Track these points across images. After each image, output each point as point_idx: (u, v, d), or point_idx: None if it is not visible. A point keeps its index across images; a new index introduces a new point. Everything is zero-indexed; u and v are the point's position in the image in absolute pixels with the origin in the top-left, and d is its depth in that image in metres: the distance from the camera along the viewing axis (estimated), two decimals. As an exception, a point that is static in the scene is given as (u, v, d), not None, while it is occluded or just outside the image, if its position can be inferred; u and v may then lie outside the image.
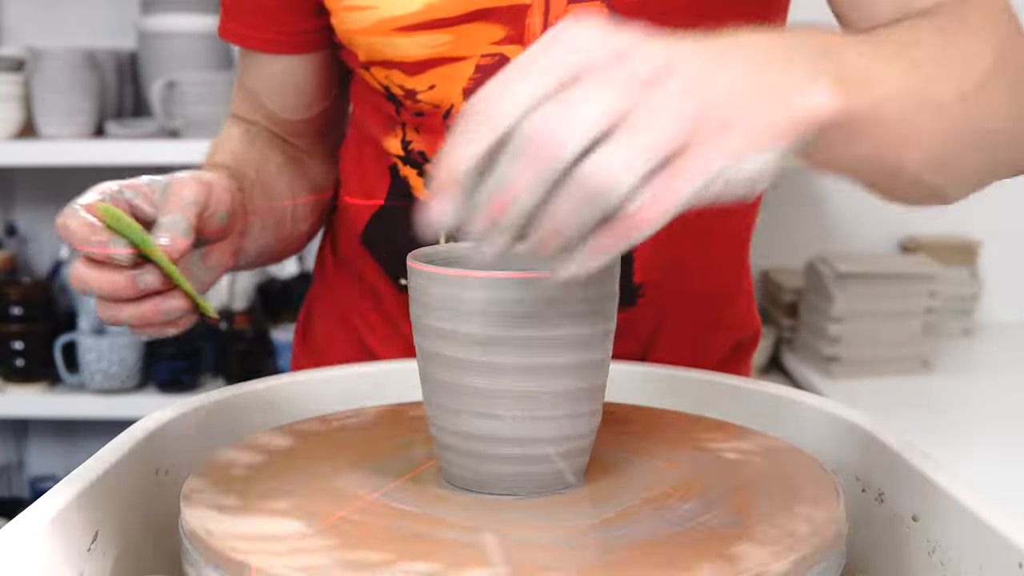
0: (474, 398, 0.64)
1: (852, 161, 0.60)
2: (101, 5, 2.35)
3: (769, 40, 0.54)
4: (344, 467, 0.69)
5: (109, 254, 0.70)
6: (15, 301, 2.13)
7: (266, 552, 0.57)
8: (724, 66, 0.50)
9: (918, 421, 1.77)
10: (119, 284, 0.70)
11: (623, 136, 0.46)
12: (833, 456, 0.76)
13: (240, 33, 0.98)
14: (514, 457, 0.64)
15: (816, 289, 2.10)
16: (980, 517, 0.60)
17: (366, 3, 0.88)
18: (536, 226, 0.48)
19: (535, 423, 0.64)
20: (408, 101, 0.91)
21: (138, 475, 0.72)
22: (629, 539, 0.59)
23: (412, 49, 0.88)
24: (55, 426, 2.44)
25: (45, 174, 2.38)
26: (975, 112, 0.64)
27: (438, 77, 0.88)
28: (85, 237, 0.70)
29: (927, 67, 0.60)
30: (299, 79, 1.00)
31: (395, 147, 0.94)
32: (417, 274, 0.65)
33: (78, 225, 0.70)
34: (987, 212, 2.30)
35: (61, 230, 0.71)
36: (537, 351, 0.62)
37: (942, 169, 0.65)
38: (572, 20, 0.49)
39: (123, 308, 0.72)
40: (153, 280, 0.71)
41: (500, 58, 0.87)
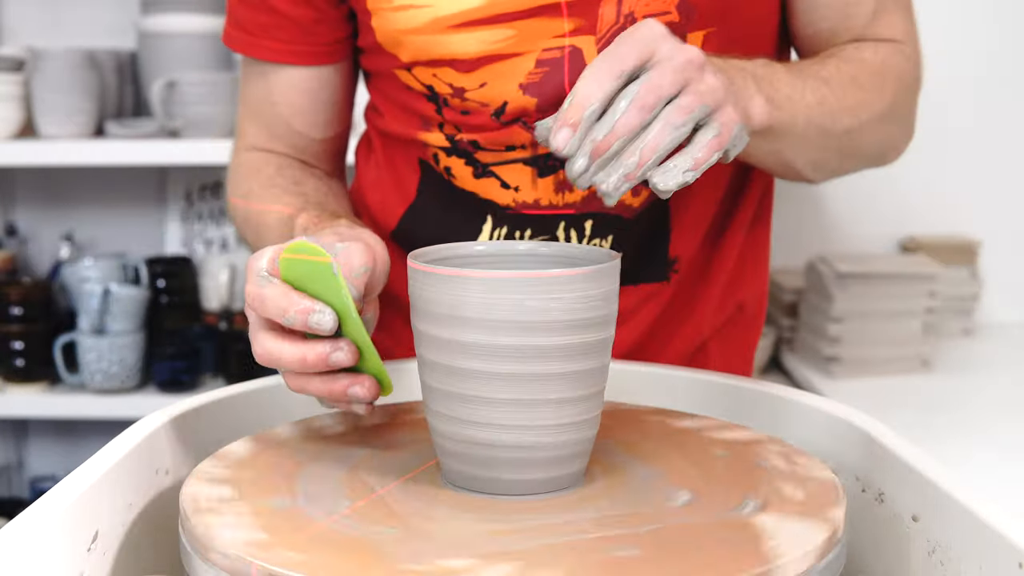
0: (474, 395, 0.64)
1: (762, 154, 0.87)
2: (101, 5, 2.35)
3: (739, 64, 0.78)
4: (344, 467, 0.70)
5: (312, 327, 0.65)
6: (15, 301, 2.13)
7: (266, 552, 0.57)
8: (723, 69, 0.73)
9: (918, 421, 1.77)
10: (310, 361, 0.67)
11: (691, 91, 0.68)
12: (833, 456, 0.76)
13: (274, 48, 0.97)
14: (514, 459, 0.64)
15: (816, 289, 2.10)
16: (980, 517, 0.60)
17: (420, 1, 0.87)
18: (638, 147, 0.67)
19: (535, 419, 0.64)
20: (455, 100, 0.90)
21: (138, 475, 0.72)
22: (629, 539, 0.59)
23: (469, 45, 0.87)
24: (55, 426, 2.44)
25: (45, 174, 2.38)
26: (852, 141, 0.90)
27: (491, 74, 0.88)
28: (283, 309, 0.66)
29: (829, 103, 0.85)
30: (332, 91, 1.00)
31: (437, 140, 0.93)
32: (417, 274, 0.65)
33: (277, 296, 0.66)
34: (987, 212, 2.30)
35: (255, 301, 0.67)
36: (537, 347, 0.62)
37: (817, 167, 0.93)
38: (634, 27, 0.69)
39: (311, 380, 0.69)
40: (345, 358, 0.67)
41: (571, 50, 0.87)
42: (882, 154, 0.98)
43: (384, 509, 0.63)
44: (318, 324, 0.65)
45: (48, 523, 0.61)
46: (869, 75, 0.89)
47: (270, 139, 1.02)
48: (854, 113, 0.87)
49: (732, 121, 0.70)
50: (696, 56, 0.68)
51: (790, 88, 0.81)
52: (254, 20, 0.97)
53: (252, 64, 1.00)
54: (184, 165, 2.26)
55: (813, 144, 0.86)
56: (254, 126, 1.02)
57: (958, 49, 2.26)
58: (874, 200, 2.31)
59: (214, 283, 2.23)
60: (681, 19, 0.86)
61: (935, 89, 2.26)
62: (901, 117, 0.95)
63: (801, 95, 0.82)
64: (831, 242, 2.30)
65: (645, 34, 0.68)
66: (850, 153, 0.92)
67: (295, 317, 0.66)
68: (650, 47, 0.68)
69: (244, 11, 0.97)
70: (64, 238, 2.35)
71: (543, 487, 0.65)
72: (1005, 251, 2.31)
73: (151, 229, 2.41)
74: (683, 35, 0.87)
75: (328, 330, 0.66)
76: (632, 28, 0.69)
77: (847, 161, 0.95)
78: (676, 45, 0.68)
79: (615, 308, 0.66)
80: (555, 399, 0.64)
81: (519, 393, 0.63)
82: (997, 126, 2.29)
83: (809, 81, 0.84)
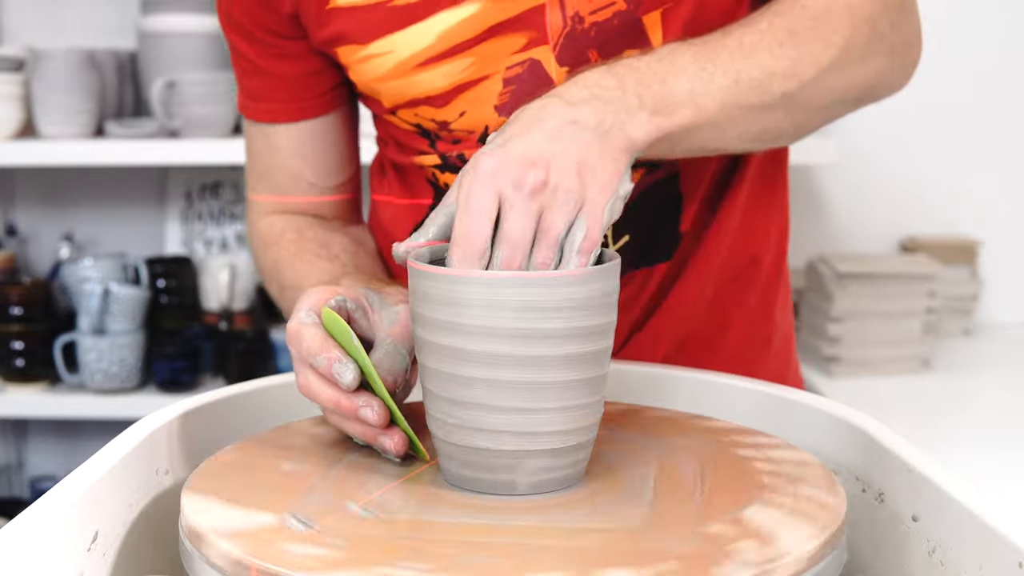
0: (475, 393, 0.64)
1: (682, 152, 0.80)
2: (101, 5, 2.35)
3: (625, 70, 0.74)
4: (344, 467, 0.70)
5: (334, 375, 0.69)
6: (15, 301, 2.13)
7: (266, 552, 0.57)
8: (575, 138, 0.69)
9: (918, 421, 1.77)
10: (343, 406, 0.70)
11: (548, 216, 0.66)
12: (833, 456, 0.76)
13: (271, 109, 0.99)
14: (515, 461, 0.64)
15: (816, 289, 2.10)
16: (980, 517, 0.60)
17: (380, 50, 0.88)
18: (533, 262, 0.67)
19: (536, 416, 0.64)
20: (443, 132, 0.92)
21: (138, 475, 0.72)
22: (629, 538, 0.59)
23: (437, 81, 0.88)
24: (55, 426, 2.44)
25: (45, 174, 2.38)
26: (801, 101, 0.81)
27: (466, 103, 0.89)
28: (315, 352, 0.69)
29: (750, 76, 0.78)
30: (335, 136, 1.01)
31: (431, 160, 0.94)
32: (417, 274, 0.65)
33: (313, 338, 0.70)
34: (987, 212, 2.30)
35: (294, 337, 0.71)
36: (537, 344, 0.62)
37: (766, 139, 0.85)
38: (463, 177, 0.68)
39: (348, 422, 0.71)
40: (374, 418, 0.69)
41: (529, 63, 0.87)
42: (865, 95, 0.88)
43: (384, 509, 0.63)
44: (338, 375, 0.69)
45: (48, 523, 0.61)
46: (810, 22, 0.81)
47: (283, 198, 1.03)
48: (791, 74, 0.79)
49: (598, 211, 0.67)
50: (538, 168, 0.66)
51: (693, 79, 0.75)
52: (252, 85, 0.99)
53: (254, 125, 1.02)
54: (184, 165, 2.26)
55: (742, 123, 0.79)
56: (265, 187, 1.03)
57: (958, 49, 2.26)
58: (874, 200, 2.31)
59: (214, 283, 2.23)
60: (629, 6, 0.86)
61: (935, 89, 2.27)
62: (873, 51, 0.85)
63: (709, 81, 0.76)
64: (831, 242, 2.30)
65: (482, 181, 0.66)
66: (808, 110, 0.83)
67: (323, 361, 0.69)
68: (495, 190, 0.65)
69: (244, 78, 1.00)
70: (64, 238, 2.35)
71: (543, 487, 0.65)
72: (1005, 251, 2.31)
73: (151, 229, 2.41)
74: (635, 21, 0.86)
75: (346, 384, 0.68)
76: (461, 177, 0.68)
77: (811, 117, 0.85)
78: (514, 175, 0.65)
79: (615, 312, 0.66)
80: (556, 403, 0.64)
81: (520, 396, 0.63)
82: (997, 126, 2.29)
83: (721, 58, 0.77)
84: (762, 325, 1.02)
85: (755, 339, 1.02)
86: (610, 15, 0.86)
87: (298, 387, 0.72)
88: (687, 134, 0.75)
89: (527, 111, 0.70)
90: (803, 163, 2.15)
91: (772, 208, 1.01)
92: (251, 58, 0.97)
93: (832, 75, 0.82)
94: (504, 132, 0.69)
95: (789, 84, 0.79)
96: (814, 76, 0.80)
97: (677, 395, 0.86)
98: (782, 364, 1.06)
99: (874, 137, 2.27)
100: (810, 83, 0.80)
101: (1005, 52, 2.27)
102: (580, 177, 0.67)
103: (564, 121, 0.69)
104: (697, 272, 0.97)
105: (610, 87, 0.72)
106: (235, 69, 1.01)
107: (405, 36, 0.87)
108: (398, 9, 0.87)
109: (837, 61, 0.82)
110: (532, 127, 0.69)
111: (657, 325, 0.97)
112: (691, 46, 0.78)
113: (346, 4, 0.88)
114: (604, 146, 0.69)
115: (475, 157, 0.67)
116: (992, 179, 2.30)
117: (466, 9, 0.86)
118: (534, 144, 0.67)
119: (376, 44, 0.88)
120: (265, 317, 2.28)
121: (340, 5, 0.88)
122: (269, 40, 0.95)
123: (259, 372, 2.14)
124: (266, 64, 0.97)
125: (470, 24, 0.86)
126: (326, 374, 0.69)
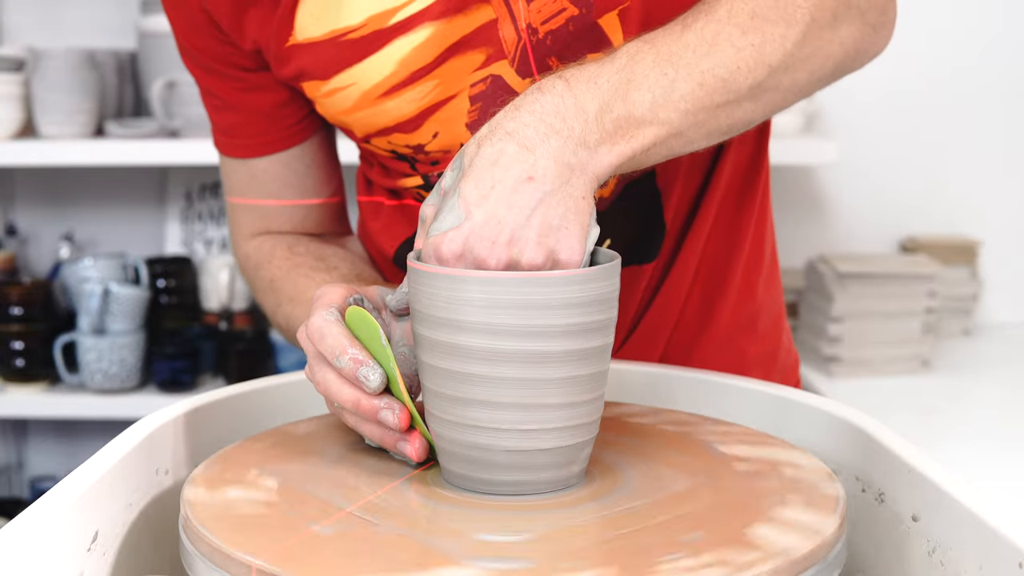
0: (475, 390, 0.64)
1: (651, 163, 0.75)
2: (101, 5, 2.35)
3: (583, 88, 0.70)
4: (344, 467, 0.70)
5: (359, 379, 0.68)
6: (15, 301, 2.13)
7: (266, 551, 0.57)
8: (536, 200, 0.66)
9: (918, 421, 1.77)
10: (363, 408, 0.69)
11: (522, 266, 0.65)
12: (833, 456, 0.76)
13: (248, 144, 0.98)
14: (515, 461, 0.64)
15: (816, 289, 2.10)
16: (980, 517, 0.60)
17: (342, 83, 0.88)
18: None
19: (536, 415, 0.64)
20: (420, 156, 0.91)
21: (138, 475, 0.72)
22: (628, 537, 0.59)
23: (404, 108, 0.88)
24: (55, 426, 2.44)
25: (45, 174, 2.38)
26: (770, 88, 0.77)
27: (437, 124, 0.88)
28: (339, 352, 0.68)
29: (715, 75, 0.74)
30: (313, 157, 1.01)
31: (413, 182, 0.94)
32: (417, 274, 0.65)
33: (337, 337, 0.69)
34: (987, 212, 2.30)
35: (315, 334, 0.70)
36: (538, 344, 0.62)
37: (737, 127, 0.78)
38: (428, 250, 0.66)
39: (365, 423, 0.70)
40: (395, 421, 0.68)
41: (491, 79, 0.87)
42: (842, 66, 0.84)
43: (384, 509, 0.63)
44: (365, 378, 0.68)
45: (48, 523, 0.61)
46: (771, 1, 0.77)
47: (268, 224, 1.02)
48: (756, 63, 0.75)
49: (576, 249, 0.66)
50: (499, 248, 0.64)
51: (655, 88, 0.72)
52: (224, 121, 0.99)
53: (230, 160, 1.01)
54: (184, 165, 2.26)
55: (708, 124, 0.75)
56: (248, 216, 1.02)
57: (958, 49, 2.26)
58: (874, 200, 2.31)
59: (214, 283, 2.23)
60: (581, 10, 0.84)
61: (935, 89, 2.27)
62: (842, 20, 0.81)
63: (671, 88, 0.72)
64: (831, 242, 2.30)
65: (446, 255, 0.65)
66: (780, 92, 0.79)
67: (347, 363, 0.68)
68: (468, 260, 0.65)
69: (215, 115, 0.99)
70: (64, 238, 2.35)
71: (543, 487, 0.65)
72: (1005, 251, 2.31)
73: (151, 229, 2.41)
74: (591, 24, 0.84)
75: (372, 389, 0.68)
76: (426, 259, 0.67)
77: (785, 97, 0.81)
78: (479, 258, 0.65)
79: (615, 310, 0.66)
80: (557, 401, 0.64)
81: (520, 396, 0.63)
82: (997, 126, 2.29)
83: (684, 59, 0.73)
84: (746, 305, 1.01)
85: (740, 320, 1.01)
86: (563, 22, 0.85)
87: (313, 383, 0.71)
88: (653, 150, 0.73)
89: (481, 158, 0.67)
90: (803, 163, 2.15)
91: (754, 191, 1.00)
92: (220, 95, 0.97)
93: (800, 54, 0.78)
94: (461, 191, 0.66)
95: (756, 75, 0.76)
96: (781, 60, 0.77)
97: (677, 395, 0.86)
98: (772, 344, 1.05)
99: (874, 137, 2.27)
100: (778, 68, 0.77)
101: (1005, 52, 2.27)
102: (543, 249, 0.65)
103: (521, 176, 0.66)
104: (684, 264, 0.96)
105: (568, 116, 0.68)
106: (206, 107, 1.00)
107: (364, 68, 0.87)
108: (352, 43, 0.86)
109: (804, 38, 0.78)
110: (489, 190, 0.66)
111: (651, 322, 0.97)
112: (652, 47, 0.74)
113: (304, 40, 0.87)
114: (567, 202, 0.66)
115: (434, 240, 0.66)
116: (992, 179, 2.30)
117: (419, 35, 0.85)
118: (495, 215, 0.65)
119: (337, 78, 0.87)
120: (265, 317, 2.28)
121: (299, 42, 0.88)
122: (235, 74, 0.94)
123: (259, 372, 2.14)
124: (236, 99, 0.96)
125: (427, 48, 0.85)
126: (350, 376, 0.68)
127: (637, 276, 0.95)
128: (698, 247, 0.96)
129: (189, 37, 0.94)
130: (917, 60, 2.23)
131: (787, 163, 2.05)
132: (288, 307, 0.95)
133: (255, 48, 0.91)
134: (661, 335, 0.97)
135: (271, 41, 0.89)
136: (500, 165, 0.66)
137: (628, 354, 0.96)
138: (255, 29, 0.90)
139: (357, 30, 0.86)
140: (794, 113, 2.08)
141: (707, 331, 0.99)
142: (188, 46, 0.95)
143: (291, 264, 0.97)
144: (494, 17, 0.85)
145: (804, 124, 2.13)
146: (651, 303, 0.97)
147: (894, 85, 2.24)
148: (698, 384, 0.86)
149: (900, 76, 2.23)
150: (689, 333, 0.98)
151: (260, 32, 0.89)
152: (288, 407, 0.84)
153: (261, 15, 0.89)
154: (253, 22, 0.89)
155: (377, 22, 0.85)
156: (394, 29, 0.85)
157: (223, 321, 2.23)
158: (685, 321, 0.98)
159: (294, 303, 0.94)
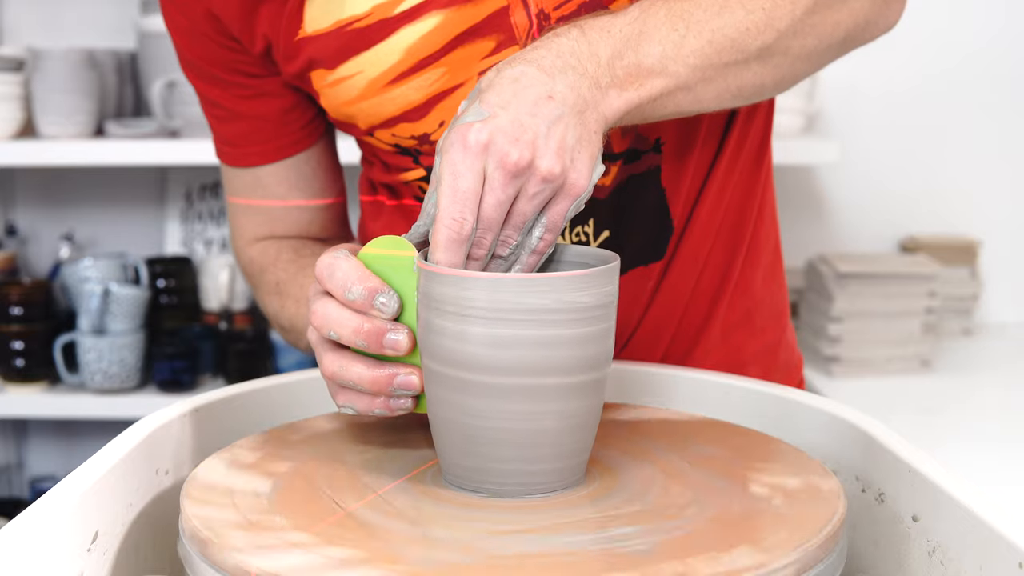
0: (477, 391, 0.64)
1: (658, 118, 0.77)
2: (101, 5, 2.35)
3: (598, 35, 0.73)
4: (344, 467, 0.70)
5: (376, 306, 0.66)
6: (15, 301, 2.13)
7: (265, 552, 0.57)
8: (555, 116, 0.67)
9: (918, 421, 1.78)
10: (365, 330, 0.67)
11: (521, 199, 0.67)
12: (833, 456, 0.76)
13: (255, 152, 0.98)
14: (516, 457, 0.64)
15: (816, 289, 2.10)
16: (980, 517, 0.60)
17: (349, 71, 0.88)
18: None
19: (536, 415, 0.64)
20: (424, 147, 0.91)
21: (138, 475, 0.72)
22: (628, 537, 0.59)
23: (411, 95, 0.87)
24: (55, 426, 2.44)
25: (45, 174, 2.38)
26: (778, 54, 0.80)
27: (444, 112, 0.88)
28: (351, 282, 0.67)
29: (725, 34, 0.76)
30: (319, 160, 1.01)
31: (416, 174, 0.94)
32: (423, 273, 0.65)
33: (348, 267, 0.67)
34: (987, 212, 2.30)
35: (325, 270, 0.68)
36: (538, 344, 0.62)
37: (745, 95, 0.81)
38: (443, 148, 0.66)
39: (355, 363, 0.68)
40: (402, 340, 0.67)
41: None
42: (851, 38, 0.85)
43: (384, 509, 0.63)
44: (382, 305, 0.67)
45: (48, 523, 0.61)
46: None
47: (272, 228, 1.02)
48: (765, 26, 0.78)
49: (561, 212, 0.68)
50: (523, 146, 0.65)
51: (665, 41, 0.74)
52: (229, 131, 0.98)
53: (234, 168, 1.01)
54: (184, 165, 2.26)
55: (717, 83, 0.78)
56: (252, 219, 1.02)
57: (959, 50, 2.26)
58: (874, 200, 2.31)
59: (214, 283, 2.23)
60: None
61: (935, 89, 2.27)
62: None
63: (681, 43, 0.75)
64: (831, 242, 2.30)
65: (472, 155, 0.65)
66: (788, 58, 0.81)
67: (360, 292, 0.67)
68: (480, 169, 0.65)
69: (219, 126, 0.99)
70: (64, 238, 2.35)
71: (543, 487, 0.65)
72: (1005, 251, 2.31)
73: (151, 229, 2.41)
74: (605, 9, 0.83)
75: (389, 314, 0.67)
76: (447, 148, 0.66)
77: (794, 66, 0.82)
78: (501, 152, 0.65)
79: (615, 311, 0.66)
80: (558, 404, 0.64)
81: (523, 399, 0.63)
82: (997, 126, 2.29)
83: (695, 17, 0.76)
84: (742, 298, 1.01)
85: (735, 314, 1.01)
86: (576, 7, 0.85)
87: (312, 322, 0.69)
88: (660, 102, 0.75)
89: (502, 76, 0.68)
90: (803, 163, 2.16)
91: (754, 189, 1.00)
92: (225, 104, 0.96)
93: (810, 20, 0.80)
94: (483, 99, 0.67)
95: (765, 37, 0.78)
96: (790, 24, 0.79)
97: (677, 395, 0.86)
98: (771, 340, 1.04)
99: (874, 138, 2.27)
100: (787, 33, 0.79)
101: (1005, 52, 2.27)
102: (560, 161, 0.66)
103: (542, 94, 0.67)
104: (688, 261, 0.96)
105: (583, 57, 0.71)
106: (208, 118, 0.99)
107: (371, 56, 0.87)
108: (358, 32, 0.86)
109: (814, 4, 0.80)
110: (511, 98, 0.67)
111: (655, 321, 0.97)
112: (665, 4, 0.76)
113: (312, 32, 0.88)
114: (581, 129, 0.68)
115: (460, 128, 0.66)
116: (992, 179, 2.30)
117: (428, 22, 0.85)
118: (518, 119, 0.66)
119: (344, 67, 0.87)
120: (265, 317, 2.28)
121: (307, 34, 0.88)
122: (241, 81, 0.94)
123: (259, 372, 2.14)
124: (242, 107, 0.96)
125: (435, 36, 0.85)
126: (361, 307, 0.67)
127: (644, 276, 0.95)
128: (701, 243, 0.96)
129: (192, 48, 0.94)
130: (917, 60, 2.23)
131: (788, 163, 2.05)
132: (294, 307, 0.95)
133: (264, 48, 0.91)
134: (665, 333, 0.97)
135: (281, 37, 0.89)
136: (521, 83, 0.68)
137: (632, 353, 0.96)
138: (266, 26, 0.90)
139: (362, 19, 0.86)
140: (795, 113, 2.08)
141: (707, 327, 0.99)
142: (191, 57, 0.95)
143: (298, 267, 0.97)
144: (505, 4, 0.85)
145: (805, 124, 2.13)
146: (653, 301, 0.97)
147: (894, 85, 2.24)
148: (699, 384, 0.86)
149: (900, 76, 2.23)
150: (691, 330, 0.98)
151: (271, 28, 0.89)
152: (288, 407, 0.84)
153: (272, 12, 0.89)
154: (264, 20, 0.89)
155: (382, 11, 0.85)
156: (400, 18, 0.85)
157: (223, 321, 2.23)
158: (688, 318, 0.98)
159: (300, 304, 0.93)
